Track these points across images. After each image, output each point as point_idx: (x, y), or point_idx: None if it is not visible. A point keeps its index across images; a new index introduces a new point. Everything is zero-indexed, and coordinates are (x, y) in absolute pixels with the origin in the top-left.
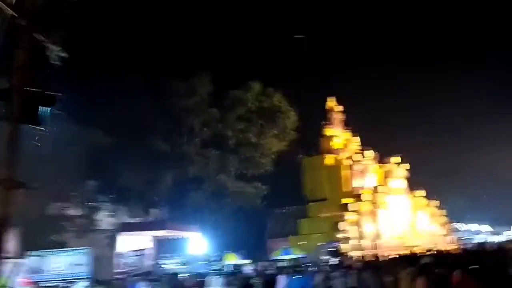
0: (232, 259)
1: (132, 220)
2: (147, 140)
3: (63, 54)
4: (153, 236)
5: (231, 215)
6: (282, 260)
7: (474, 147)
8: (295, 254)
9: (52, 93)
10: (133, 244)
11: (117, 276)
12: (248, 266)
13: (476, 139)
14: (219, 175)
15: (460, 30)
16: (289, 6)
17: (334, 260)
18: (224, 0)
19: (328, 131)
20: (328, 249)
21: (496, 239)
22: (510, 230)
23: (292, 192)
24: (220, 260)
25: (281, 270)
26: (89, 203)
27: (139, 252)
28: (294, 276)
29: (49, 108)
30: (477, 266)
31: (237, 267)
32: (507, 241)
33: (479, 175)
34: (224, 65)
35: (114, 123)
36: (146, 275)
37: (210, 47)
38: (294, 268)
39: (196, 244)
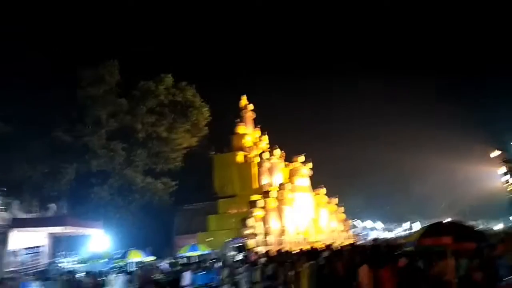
0: (137, 257)
1: (27, 216)
2: (47, 130)
3: None
4: (51, 233)
5: (138, 211)
6: (189, 257)
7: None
8: (202, 251)
9: None
10: (27, 241)
11: (9, 275)
12: (153, 263)
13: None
14: (126, 170)
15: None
16: (208, 3)
17: (240, 256)
18: None
19: (239, 129)
20: (235, 245)
21: (388, 235)
22: (401, 227)
23: (202, 189)
24: (124, 257)
25: (186, 267)
26: None
27: (34, 250)
28: (199, 272)
29: None
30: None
31: (141, 264)
32: (397, 237)
33: (374, 176)
34: (136, 55)
35: (10, 111)
36: (40, 274)
37: (122, 35)
38: (200, 264)
39: (98, 241)
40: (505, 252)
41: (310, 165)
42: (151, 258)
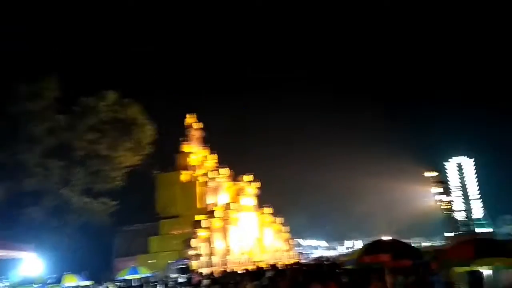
0: (72, 281)
1: None
2: None
3: None
4: None
5: (74, 232)
6: (129, 280)
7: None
8: (143, 273)
9: None
10: None
11: None
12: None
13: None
14: (62, 189)
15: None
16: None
17: (183, 278)
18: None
19: (185, 148)
20: (178, 267)
21: (331, 253)
22: (343, 245)
23: (144, 209)
24: (58, 282)
25: None
26: None
27: None
28: None
29: None
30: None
31: None
32: (340, 255)
33: (317, 195)
34: (78, 71)
35: None
36: None
37: (64, 50)
38: (141, 287)
39: (31, 265)
40: (439, 269)
41: (257, 184)
42: (88, 282)
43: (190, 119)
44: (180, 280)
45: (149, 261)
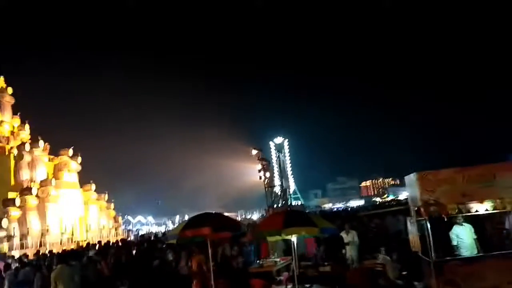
0: None
1: None
2: None
3: None
4: None
5: None
6: None
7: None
8: None
9: None
10: None
11: None
12: None
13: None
14: None
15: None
16: None
17: None
18: None
19: None
20: None
21: (161, 229)
22: (171, 221)
23: None
24: None
25: None
26: None
27: None
28: None
29: None
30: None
31: None
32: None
33: (147, 173)
34: None
35: None
36: None
37: None
38: None
39: None
40: (251, 240)
41: (79, 159)
42: None
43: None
44: None
45: None
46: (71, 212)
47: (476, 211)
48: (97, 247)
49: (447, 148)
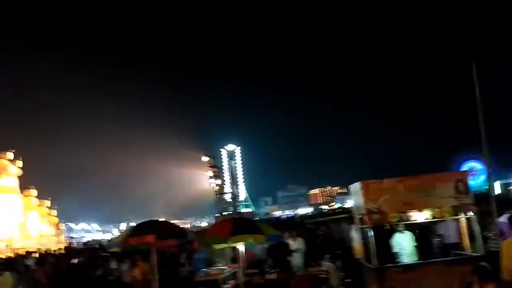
0: None
1: None
2: None
3: None
4: None
5: None
6: None
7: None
8: None
9: None
10: None
11: None
12: None
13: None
14: None
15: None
16: None
17: None
18: None
19: None
20: None
21: (106, 236)
22: (117, 229)
23: None
24: None
25: None
26: None
27: None
28: None
29: None
30: None
31: None
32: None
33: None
34: None
35: None
36: None
37: None
38: None
39: None
40: (200, 247)
41: (19, 163)
42: None
43: None
44: None
45: None
46: (9, 218)
47: (415, 220)
48: (37, 255)
49: (395, 158)
